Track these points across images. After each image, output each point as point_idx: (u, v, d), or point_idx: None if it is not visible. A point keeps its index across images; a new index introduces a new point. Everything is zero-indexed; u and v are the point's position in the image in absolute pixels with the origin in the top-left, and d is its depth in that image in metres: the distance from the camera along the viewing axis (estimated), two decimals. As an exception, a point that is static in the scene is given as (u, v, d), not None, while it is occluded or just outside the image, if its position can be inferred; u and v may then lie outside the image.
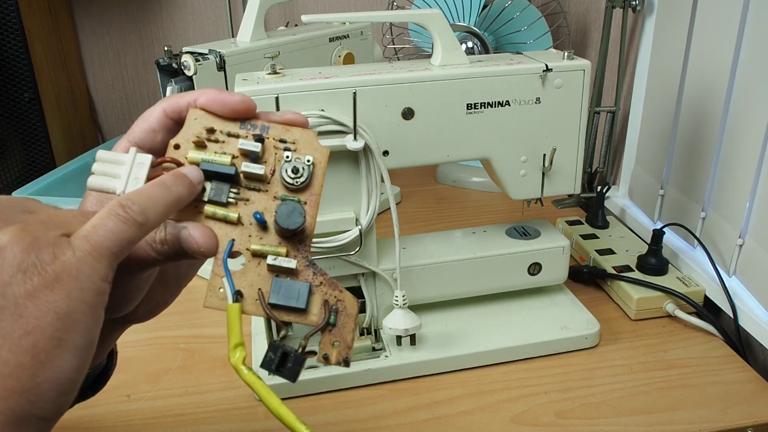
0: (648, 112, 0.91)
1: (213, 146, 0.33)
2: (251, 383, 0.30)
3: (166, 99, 0.35)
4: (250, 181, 0.33)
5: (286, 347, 0.32)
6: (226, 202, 0.33)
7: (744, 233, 0.70)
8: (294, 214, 0.32)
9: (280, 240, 0.33)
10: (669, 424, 0.58)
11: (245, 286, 0.32)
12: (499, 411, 0.60)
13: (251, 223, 0.33)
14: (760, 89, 0.67)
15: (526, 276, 0.71)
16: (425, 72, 0.61)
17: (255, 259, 0.33)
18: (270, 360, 0.32)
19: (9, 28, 0.99)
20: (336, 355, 0.32)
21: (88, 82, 1.31)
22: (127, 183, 0.31)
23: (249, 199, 0.33)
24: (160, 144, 0.35)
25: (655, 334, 0.70)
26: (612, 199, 0.99)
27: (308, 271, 0.33)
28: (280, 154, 0.34)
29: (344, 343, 0.33)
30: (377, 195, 0.63)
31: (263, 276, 0.33)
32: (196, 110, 0.34)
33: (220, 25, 1.29)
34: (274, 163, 0.33)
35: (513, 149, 0.65)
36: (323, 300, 0.33)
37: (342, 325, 0.33)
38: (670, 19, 0.84)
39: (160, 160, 0.33)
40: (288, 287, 0.32)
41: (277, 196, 0.33)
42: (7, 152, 1.04)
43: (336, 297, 0.33)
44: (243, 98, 0.33)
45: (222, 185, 0.33)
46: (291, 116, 0.34)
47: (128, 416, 0.60)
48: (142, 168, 0.32)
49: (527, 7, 1.01)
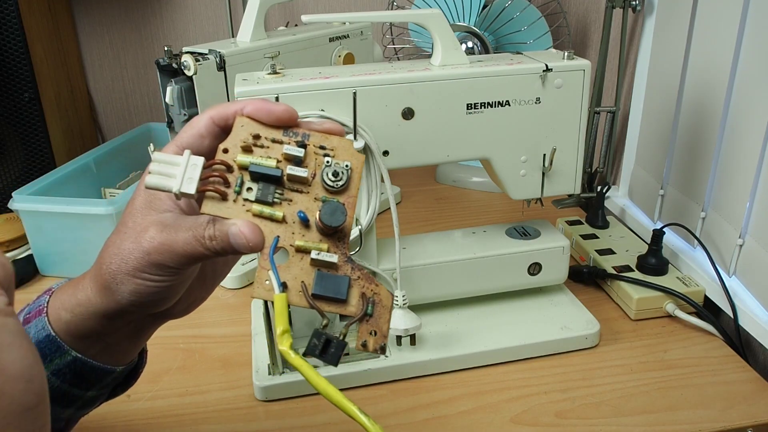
0: (648, 112, 0.91)
1: (259, 151, 0.36)
2: (299, 366, 0.32)
3: (213, 107, 0.37)
4: (293, 183, 0.36)
5: (328, 334, 0.34)
6: (272, 202, 0.35)
7: (744, 233, 0.70)
8: (337, 212, 0.35)
9: (321, 237, 0.36)
10: (669, 424, 0.58)
11: (289, 279, 0.35)
12: (499, 411, 0.60)
13: (294, 221, 0.35)
14: (760, 89, 0.67)
15: (526, 276, 0.71)
16: (425, 72, 0.61)
17: (298, 255, 0.35)
18: (314, 346, 0.34)
19: (9, 28, 0.99)
20: (373, 343, 0.35)
21: (88, 82, 1.31)
22: (182, 182, 0.34)
23: (292, 199, 0.36)
24: (207, 149, 0.37)
25: (655, 334, 0.70)
26: (612, 199, 0.99)
27: (347, 265, 0.35)
28: (321, 160, 0.36)
29: (380, 332, 0.35)
30: (377, 195, 0.63)
31: (306, 270, 0.35)
32: (243, 118, 0.36)
33: (220, 25, 1.29)
34: (315, 167, 0.36)
35: (513, 149, 0.65)
36: (361, 292, 0.35)
37: (378, 316, 0.35)
38: (670, 19, 0.84)
39: (211, 162, 0.35)
40: (329, 280, 0.35)
41: (318, 197, 0.36)
42: (7, 152, 1.04)
43: (372, 290, 0.35)
44: (287, 108, 0.36)
45: (268, 186, 0.35)
46: (330, 125, 0.37)
47: (128, 416, 0.60)
48: (195, 169, 0.34)
49: (527, 7, 1.01)
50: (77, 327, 0.37)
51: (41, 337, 0.37)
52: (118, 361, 0.40)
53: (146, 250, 0.34)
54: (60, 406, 0.38)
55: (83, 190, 0.93)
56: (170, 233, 0.35)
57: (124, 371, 0.41)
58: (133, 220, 0.36)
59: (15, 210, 0.82)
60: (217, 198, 0.35)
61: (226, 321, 0.76)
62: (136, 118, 1.35)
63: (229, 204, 0.35)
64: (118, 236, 0.36)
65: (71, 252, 0.83)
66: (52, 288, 0.40)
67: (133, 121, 1.35)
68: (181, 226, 0.35)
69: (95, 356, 0.38)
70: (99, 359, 0.38)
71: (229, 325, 0.74)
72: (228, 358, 0.68)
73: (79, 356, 0.37)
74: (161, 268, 0.35)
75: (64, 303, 0.37)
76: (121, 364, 0.40)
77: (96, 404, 0.42)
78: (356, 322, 0.35)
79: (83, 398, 0.39)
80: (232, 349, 0.70)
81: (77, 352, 0.37)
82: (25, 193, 0.83)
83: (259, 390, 0.62)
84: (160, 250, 0.34)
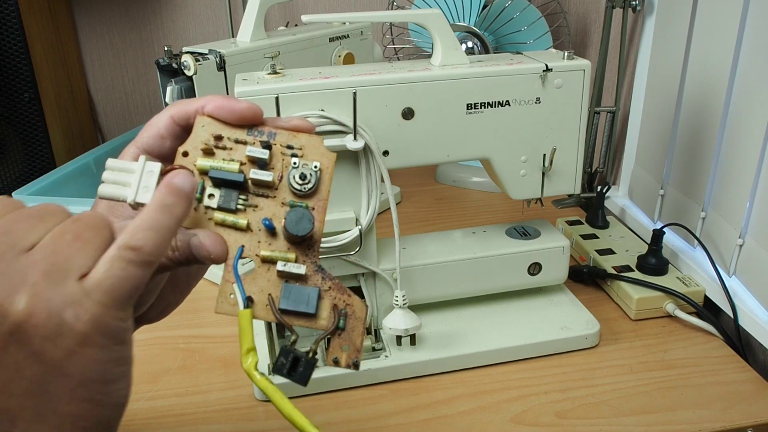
0: (648, 112, 0.91)
1: (221, 153, 0.34)
2: (264, 388, 0.31)
3: (173, 105, 0.35)
4: (258, 188, 0.34)
5: (297, 352, 0.32)
6: (236, 209, 0.33)
7: (744, 233, 0.70)
8: (303, 220, 0.32)
9: (289, 245, 0.33)
10: (669, 424, 0.58)
11: (255, 292, 0.33)
12: (499, 411, 0.60)
13: (260, 229, 0.33)
14: (760, 89, 0.67)
15: (526, 276, 0.71)
16: (425, 72, 0.61)
17: (264, 265, 0.33)
18: (282, 365, 0.32)
19: (9, 28, 0.99)
20: (346, 358, 0.33)
21: (88, 82, 1.31)
22: (138, 191, 0.32)
23: (257, 205, 0.33)
24: (168, 150, 0.35)
25: (655, 334, 0.70)
26: (612, 199, 0.99)
27: (317, 275, 0.33)
28: (288, 160, 0.34)
29: (353, 346, 0.33)
30: (377, 195, 0.63)
31: (273, 281, 0.33)
32: (204, 117, 0.34)
33: (220, 25, 1.29)
34: (282, 169, 0.34)
35: (513, 149, 0.65)
36: (332, 304, 0.33)
37: (351, 329, 0.33)
38: (670, 19, 0.84)
39: (169, 168, 0.33)
40: (298, 292, 0.33)
41: (285, 202, 0.34)
42: (7, 152, 1.04)
43: (345, 301, 0.33)
44: (250, 105, 0.34)
45: (231, 192, 0.33)
46: (297, 122, 0.35)
47: (128, 416, 0.60)
48: (152, 176, 0.32)
49: (527, 7, 1.01)
50: None
51: None
52: None
53: None
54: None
55: (83, 190, 0.93)
56: None
57: None
58: None
59: (15, 210, 0.82)
60: None
61: (226, 321, 0.75)
62: (136, 118, 1.35)
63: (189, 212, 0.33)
64: None
65: (71, 252, 0.83)
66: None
67: (133, 121, 1.35)
68: None
69: None
70: None
71: (229, 325, 0.74)
72: (228, 358, 0.68)
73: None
74: None
75: None
76: None
77: None
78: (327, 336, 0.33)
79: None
80: (232, 349, 0.70)
81: None
82: (25, 193, 0.83)
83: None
84: None
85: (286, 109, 0.58)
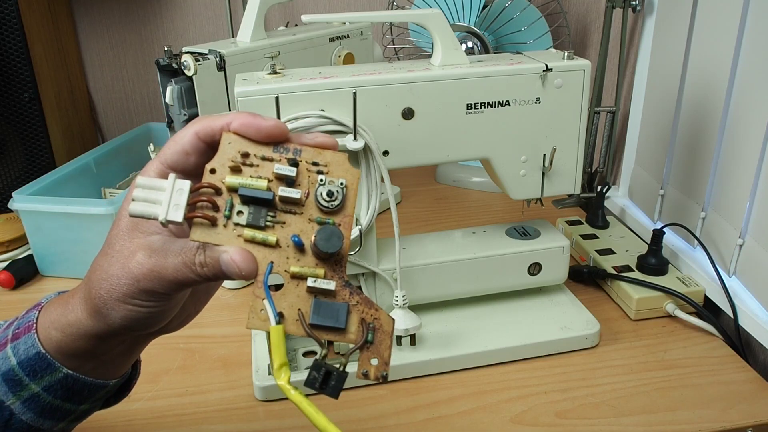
0: (648, 112, 0.91)
1: (248, 170, 0.34)
2: (298, 403, 0.31)
3: (198, 121, 0.35)
4: (286, 205, 0.34)
5: (329, 366, 0.33)
6: (264, 226, 0.34)
7: (744, 233, 0.70)
8: (333, 237, 0.33)
9: (317, 261, 0.34)
10: (669, 424, 0.58)
11: (285, 307, 0.33)
12: (499, 411, 0.60)
13: (288, 245, 0.34)
14: (760, 89, 0.67)
15: (526, 276, 0.71)
16: (425, 72, 0.61)
17: (293, 281, 0.34)
18: (314, 379, 0.33)
19: (9, 28, 0.99)
20: (374, 371, 0.34)
21: (88, 82, 1.31)
22: (168, 210, 0.32)
23: (285, 221, 0.34)
24: (193, 166, 0.35)
25: (655, 334, 0.70)
26: (612, 199, 0.99)
27: (345, 290, 0.34)
28: (314, 177, 0.34)
29: (381, 359, 0.34)
30: (377, 195, 0.63)
31: (302, 297, 0.34)
32: (230, 134, 0.34)
33: (220, 25, 1.29)
34: (308, 186, 0.34)
35: (513, 149, 0.65)
36: (360, 318, 0.34)
37: (379, 342, 0.34)
38: (670, 19, 0.84)
39: (198, 185, 0.33)
40: (327, 308, 0.33)
41: (312, 218, 0.34)
42: (7, 152, 1.04)
43: (372, 315, 0.34)
44: (276, 123, 0.34)
45: (260, 209, 0.34)
46: (323, 139, 0.35)
47: (128, 416, 0.60)
48: (181, 194, 0.32)
49: (527, 7, 1.01)
50: (69, 346, 0.36)
51: (31, 354, 0.36)
52: (111, 376, 0.39)
53: (135, 277, 0.33)
54: (52, 420, 0.38)
55: (83, 190, 0.93)
56: (159, 259, 0.33)
57: (117, 384, 0.41)
58: (120, 243, 0.35)
59: (15, 210, 0.82)
60: (207, 224, 0.33)
61: (226, 321, 0.75)
62: (136, 118, 1.35)
63: (219, 230, 0.33)
64: (105, 259, 0.35)
65: (71, 252, 0.83)
66: (41, 303, 0.39)
67: (133, 121, 1.35)
68: (171, 251, 0.34)
69: (88, 372, 0.37)
70: (92, 375, 0.38)
71: (229, 325, 0.74)
72: (228, 358, 0.68)
73: (71, 373, 0.37)
74: (152, 294, 0.34)
75: (54, 322, 0.36)
76: (114, 378, 0.40)
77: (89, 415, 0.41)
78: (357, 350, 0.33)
79: (76, 412, 0.39)
80: (232, 349, 0.70)
81: (69, 369, 0.37)
82: (25, 193, 0.83)
83: (259, 390, 0.61)
84: (149, 276, 0.33)
85: (286, 109, 0.58)
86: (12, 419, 0.36)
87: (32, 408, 0.37)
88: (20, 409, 0.36)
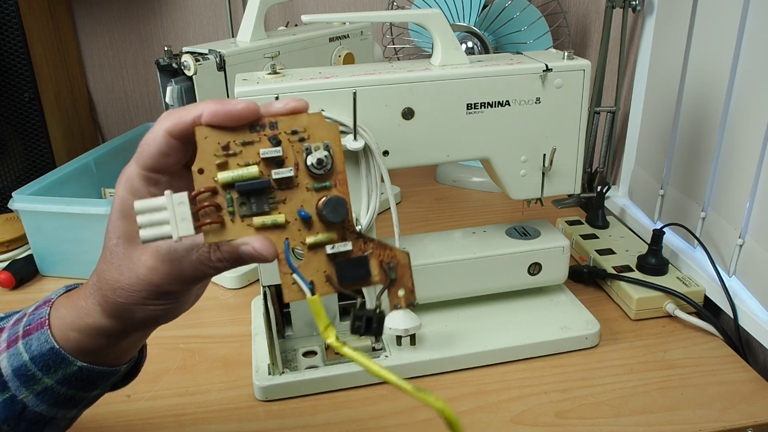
0: (648, 112, 0.91)
1: (234, 160, 0.34)
2: (351, 356, 0.33)
3: (166, 117, 0.34)
4: (281, 184, 0.35)
5: (367, 312, 0.36)
6: (269, 211, 0.35)
7: (744, 233, 0.70)
8: (339, 207, 0.35)
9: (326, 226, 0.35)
10: (669, 424, 0.58)
11: (312, 274, 0.35)
12: (499, 411, 0.60)
13: (296, 218, 0.35)
14: (760, 89, 0.67)
15: (526, 276, 0.71)
16: (425, 72, 0.61)
17: (311, 250, 0.35)
18: (358, 327, 0.35)
19: (9, 28, 0.99)
20: (404, 301, 0.36)
21: (88, 82, 1.31)
22: (178, 226, 0.32)
23: (286, 198, 0.35)
24: (173, 164, 0.35)
25: (655, 334, 0.70)
26: (612, 199, 0.99)
27: (359, 242, 0.36)
28: (298, 146, 0.35)
29: (407, 289, 0.36)
30: (377, 195, 0.63)
31: (324, 261, 0.35)
32: (203, 128, 0.33)
33: (220, 25, 1.29)
34: (295, 156, 0.35)
35: (513, 149, 0.65)
36: (379, 261, 0.36)
37: (401, 276, 0.36)
38: (670, 19, 0.84)
39: (195, 193, 0.33)
40: (349, 265, 0.36)
41: (309, 186, 0.35)
42: (7, 152, 1.04)
43: (389, 255, 0.36)
44: (247, 105, 0.33)
45: (260, 196, 0.34)
46: (294, 104, 0.35)
47: (128, 416, 0.60)
48: (183, 207, 0.33)
49: (527, 7, 1.01)
50: (90, 345, 0.38)
51: (45, 350, 0.37)
52: (121, 362, 0.41)
53: (155, 283, 0.35)
54: (66, 409, 0.39)
55: (83, 190, 0.93)
56: (175, 263, 0.34)
57: (127, 368, 0.42)
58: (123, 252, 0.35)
59: (15, 210, 0.82)
60: (216, 227, 0.34)
61: (226, 321, 0.75)
62: (136, 118, 1.35)
63: (229, 227, 0.34)
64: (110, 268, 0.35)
65: (71, 252, 0.83)
66: (50, 299, 0.39)
67: (133, 121, 1.35)
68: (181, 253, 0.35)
69: (101, 362, 0.39)
70: (104, 364, 0.39)
71: (229, 325, 0.74)
72: (228, 358, 0.68)
73: (85, 365, 0.38)
74: (172, 293, 0.35)
75: (72, 324, 0.37)
76: (124, 364, 0.41)
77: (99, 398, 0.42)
78: (385, 290, 0.36)
79: (88, 398, 0.40)
80: (232, 349, 0.70)
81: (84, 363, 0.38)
82: (25, 193, 0.83)
83: (259, 390, 0.62)
84: (169, 280, 0.35)
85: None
86: (25, 411, 0.37)
87: (46, 400, 0.38)
88: (34, 402, 0.37)
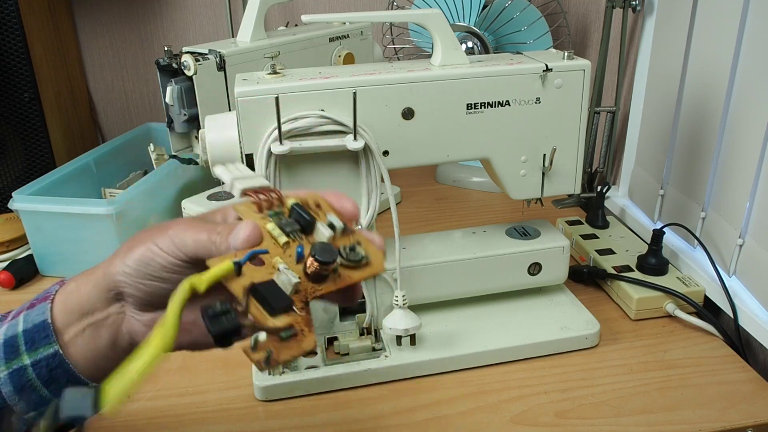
0: (648, 112, 0.91)
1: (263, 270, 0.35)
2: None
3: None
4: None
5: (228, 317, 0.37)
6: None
7: (744, 233, 0.70)
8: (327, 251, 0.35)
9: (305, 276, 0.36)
10: (669, 424, 0.58)
11: (247, 272, 0.36)
12: (499, 411, 0.60)
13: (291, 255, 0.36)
14: (760, 89, 0.67)
15: (526, 276, 0.71)
16: (425, 72, 0.61)
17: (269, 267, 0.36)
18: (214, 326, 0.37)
19: (9, 28, 0.99)
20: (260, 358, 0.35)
21: (88, 82, 1.31)
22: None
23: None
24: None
25: (655, 334, 0.70)
26: (612, 199, 0.99)
27: (300, 296, 0.35)
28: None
29: (276, 359, 0.35)
30: (377, 195, 0.63)
31: (264, 275, 0.36)
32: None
33: (220, 25, 1.29)
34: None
35: (513, 149, 0.65)
36: (292, 319, 0.35)
37: (287, 347, 0.35)
38: (670, 19, 0.84)
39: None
40: (275, 288, 0.35)
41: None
42: (7, 152, 1.04)
43: (302, 328, 0.35)
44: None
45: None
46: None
47: (128, 416, 0.60)
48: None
49: (527, 7, 1.01)
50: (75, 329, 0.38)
51: (37, 321, 0.37)
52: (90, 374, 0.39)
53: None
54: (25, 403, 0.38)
55: (83, 190, 0.93)
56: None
57: (85, 396, 0.39)
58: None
59: (15, 210, 0.82)
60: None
61: (226, 321, 0.75)
62: (136, 118, 1.35)
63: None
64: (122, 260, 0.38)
65: (71, 252, 0.83)
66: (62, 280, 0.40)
67: (133, 121, 1.34)
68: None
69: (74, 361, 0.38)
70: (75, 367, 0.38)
71: (229, 325, 0.74)
72: (228, 358, 0.68)
73: (60, 352, 0.37)
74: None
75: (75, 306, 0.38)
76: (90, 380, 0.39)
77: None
78: (266, 332, 0.35)
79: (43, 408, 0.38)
80: (232, 349, 0.70)
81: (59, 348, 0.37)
82: (25, 193, 0.83)
83: (259, 390, 0.62)
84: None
85: (286, 109, 0.58)
86: None
87: (14, 381, 0.37)
88: (4, 380, 0.37)
